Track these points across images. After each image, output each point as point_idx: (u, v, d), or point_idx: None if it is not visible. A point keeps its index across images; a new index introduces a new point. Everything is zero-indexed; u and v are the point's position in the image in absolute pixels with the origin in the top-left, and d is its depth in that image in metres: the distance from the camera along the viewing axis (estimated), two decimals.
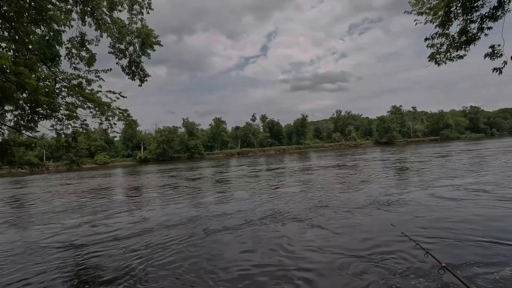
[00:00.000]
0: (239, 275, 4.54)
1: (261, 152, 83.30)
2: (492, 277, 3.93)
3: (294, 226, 6.98)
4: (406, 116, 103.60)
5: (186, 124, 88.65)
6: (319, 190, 11.90)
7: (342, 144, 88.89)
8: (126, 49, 8.04)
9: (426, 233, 5.85)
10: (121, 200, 13.30)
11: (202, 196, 12.53)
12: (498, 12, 5.07)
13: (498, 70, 5.10)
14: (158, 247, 6.03)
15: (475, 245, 5.04)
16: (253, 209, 9.19)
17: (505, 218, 6.52)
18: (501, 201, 8.01)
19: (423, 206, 8.03)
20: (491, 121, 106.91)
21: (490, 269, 4.14)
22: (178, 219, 8.51)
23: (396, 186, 11.73)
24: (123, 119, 8.29)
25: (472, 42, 5.35)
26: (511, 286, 3.71)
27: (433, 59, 5.83)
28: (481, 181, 11.24)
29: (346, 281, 4.10)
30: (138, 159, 75.18)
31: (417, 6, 6.46)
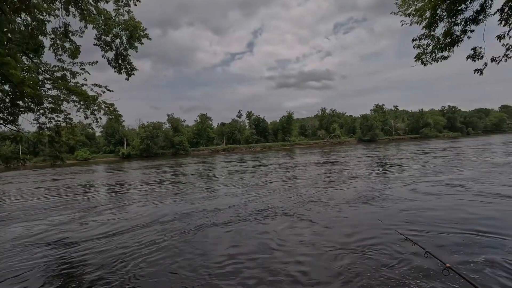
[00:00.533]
0: (231, 269, 4.57)
1: (247, 149, 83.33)
2: (470, 264, 4.17)
3: (283, 221, 7.07)
4: (388, 114, 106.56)
5: (171, 120, 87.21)
6: (306, 186, 12.09)
7: (326, 142, 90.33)
8: (113, 42, 7.81)
9: (410, 226, 6.09)
10: (106, 197, 12.99)
11: (190, 193, 12.43)
12: (480, 16, 5.32)
13: (479, 71, 5.37)
14: (148, 244, 5.95)
15: (456, 236, 5.30)
16: (242, 205, 9.23)
17: (483, 211, 6.88)
18: (479, 195, 8.44)
19: (407, 201, 8.34)
20: (467, 121, 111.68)
21: (469, 257, 4.38)
22: (166, 215, 8.42)
23: (381, 182, 12.10)
24: (109, 114, 8.09)
25: (456, 44, 5.59)
26: (485, 270, 3.96)
27: (419, 59, 6.05)
28: (460, 177, 11.78)
29: (334, 273, 4.22)
30: (121, 155, 73.35)
31: (403, 8, 6.65)
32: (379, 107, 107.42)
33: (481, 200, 7.91)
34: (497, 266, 4.11)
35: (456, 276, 1.88)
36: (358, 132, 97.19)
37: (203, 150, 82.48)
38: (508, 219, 6.23)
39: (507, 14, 5.16)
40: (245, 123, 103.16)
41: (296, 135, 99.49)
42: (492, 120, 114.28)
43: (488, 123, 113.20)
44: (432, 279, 3.83)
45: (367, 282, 3.90)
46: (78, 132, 79.23)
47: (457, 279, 3.62)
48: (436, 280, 3.77)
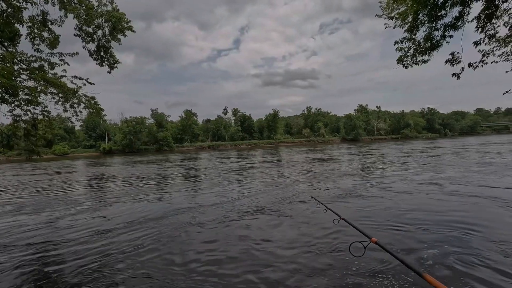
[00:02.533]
0: (210, 269, 4.57)
1: (232, 146, 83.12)
2: (430, 258, 4.37)
3: (264, 220, 7.12)
4: (371, 115, 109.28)
5: (155, 115, 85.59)
6: (290, 184, 12.22)
7: (311, 140, 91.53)
8: (94, 33, 7.56)
9: (375, 222, 6.30)
10: (85, 195, 12.59)
11: (173, 190, 12.27)
12: (459, 22, 5.55)
13: (457, 76, 5.61)
14: (128, 245, 5.81)
15: (423, 233, 5.53)
16: (225, 203, 9.21)
17: (455, 209, 7.21)
18: (454, 195, 8.83)
19: (378, 199, 8.62)
20: (445, 122, 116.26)
21: (428, 252, 4.60)
22: (148, 214, 8.27)
23: (361, 181, 12.40)
24: (89, 107, 7.85)
25: (436, 48, 5.80)
26: (443, 262, 4.16)
27: (401, 62, 6.24)
28: (438, 177, 12.27)
29: (310, 270, 4.31)
30: (102, 150, 71.29)
31: (387, 11, 6.82)
32: (363, 107, 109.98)
33: (450, 200, 8.28)
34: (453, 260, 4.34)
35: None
36: (342, 132, 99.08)
37: (188, 146, 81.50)
38: (477, 213, 6.56)
39: (483, 22, 5.40)
40: (230, 120, 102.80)
41: (282, 133, 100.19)
42: (468, 123, 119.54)
43: (464, 125, 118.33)
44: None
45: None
46: (56, 126, 76.29)
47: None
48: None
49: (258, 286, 3.96)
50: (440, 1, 5.34)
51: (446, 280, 3.80)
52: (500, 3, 5.48)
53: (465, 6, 5.41)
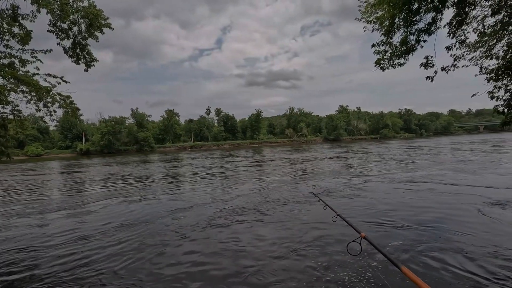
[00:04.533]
0: (189, 272, 4.52)
1: (215, 146, 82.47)
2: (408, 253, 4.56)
3: (247, 221, 7.12)
4: (352, 115, 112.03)
5: (135, 115, 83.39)
6: (272, 183, 12.31)
7: (294, 140, 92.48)
8: (70, 29, 7.25)
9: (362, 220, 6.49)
10: (58, 199, 12.07)
11: (154, 193, 12.01)
12: (432, 27, 5.80)
13: (431, 78, 5.87)
14: (107, 252, 5.64)
15: (404, 229, 5.76)
16: (207, 204, 9.15)
17: (435, 206, 7.54)
18: (431, 192, 9.23)
19: (362, 197, 8.87)
20: (420, 123, 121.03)
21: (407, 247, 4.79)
22: (126, 218, 8.05)
23: (343, 179, 12.69)
24: (65, 107, 7.54)
25: (411, 52, 6.04)
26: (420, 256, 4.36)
27: (379, 64, 6.44)
28: (417, 175, 12.77)
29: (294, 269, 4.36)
30: (79, 151, 68.60)
31: (366, 15, 7.01)
32: (344, 108, 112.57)
33: (426, 196, 8.65)
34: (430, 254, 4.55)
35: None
36: (324, 132, 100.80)
37: (170, 147, 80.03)
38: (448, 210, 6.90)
39: (454, 28, 5.69)
40: (213, 120, 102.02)
41: (265, 133, 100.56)
42: (442, 123, 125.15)
43: (438, 125, 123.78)
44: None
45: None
46: (29, 126, 72.38)
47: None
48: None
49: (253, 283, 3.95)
50: (415, 7, 5.56)
51: (421, 270, 3.97)
52: (469, 11, 5.79)
53: (438, 13, 5.67)
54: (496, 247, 4.74)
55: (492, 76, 5.67)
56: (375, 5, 6.42)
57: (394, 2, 5.72)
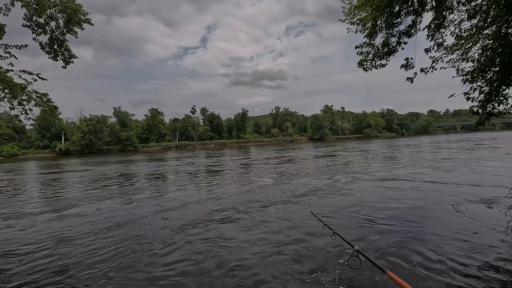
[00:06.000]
0: (175, 273, 4.46)
1: (201, 145, 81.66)
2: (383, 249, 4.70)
3: (233, 221, 7.10)
4: (336, 115, 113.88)
5: (118, 114, 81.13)
6: (258, 183, 12.33)
7: (280, 139, 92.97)
8: (47, 24, 6.96)
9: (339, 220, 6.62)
10: (34, 201, 11.57)
11: (136, 193, 11.75)
12: (412, 30, 5.98)
13: (410, 80, 6.05)
14: (89, 254, 5.46)
15: (382, 226, 5.92)
16: (193, 205, 9.05)
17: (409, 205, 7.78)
18: (412, 190, 9.52)
19: (345, 196, 9.04)
20: (402, 123, 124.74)
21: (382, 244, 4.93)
22: (109, 220, 7.83)
23: (328, 178, 12.89)
24: (41, 105, 7.25)
25: (392, 53, 6.20)
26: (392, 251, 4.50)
27: (362, 65, 6.57)
28: (399, 173, 13.14)
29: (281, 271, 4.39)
30: (58, 151, 66.05)
31: (349, 16, 7.12)
32: (328, 108, 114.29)
33: (407, 195, 8.93)
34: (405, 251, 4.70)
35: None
36: (309, 131, 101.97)
37: (154, 146, 78.52)
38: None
39: (433, 31, 5.88)
40: (199, 119, 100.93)
41: (251, 133, 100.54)
42: (421, 123, 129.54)
43: (418, 125, 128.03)
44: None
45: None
46: (3, 124, 69.27)
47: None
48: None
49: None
50: (396, 9, 5.71)
51: (398, 268, 4.08)
52: (447, 14, 6.00)
53: (418, 16, 5.84)
54: (472, 243, 4.95)
55: (468, 78, 5.89)
56: (358, 6, 6.53)
57: (376, 4, 5.84)
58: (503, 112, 6.03)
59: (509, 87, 5.79)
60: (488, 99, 5.72)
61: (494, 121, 73.73)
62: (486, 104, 5.80)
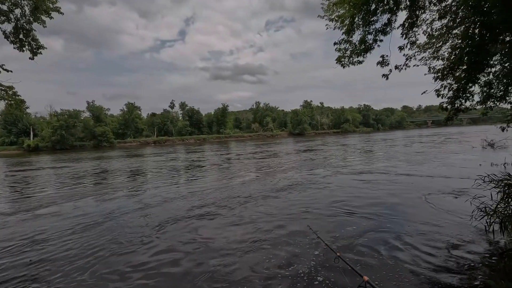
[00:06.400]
0: (153, 272, 4.39)
1: (180, 141, 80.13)
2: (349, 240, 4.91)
3: (212, 218, 7.08)
4: (315, 110, 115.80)
5: (92, 108, 77.54)
6: (239, 179, 12.33)
7: (260, 135, 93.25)
8: (11, 12, 6.49)
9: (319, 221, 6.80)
10: (5, 200, 10.89)
11: (112, 191, 11.38)
12: (387, 28, 6.17)
13: (386, 76, 6.27)
14: (67, 253, 5.24)
15: (353, 219, 6.15)
16: (172, 201, 8.91)
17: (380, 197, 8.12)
18: (385, 183, 9.92)
19: (322, 189, 9.28)
20: (377, 118, 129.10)
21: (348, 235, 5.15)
22: (84, 219, 7.55)
23: (307, 172, 13.13)
24: (6, 98, 6.81)
25: (369, 51, 6.37)
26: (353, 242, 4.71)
27: (340, 62, 6.71)
28: (374, 167, 13.61)
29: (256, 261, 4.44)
30: (26, 147, 62.27)
31: (328, 13, 7.21)
32: (308, 103, 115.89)
33: (380, 188, 9.32)
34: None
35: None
36: (289, 126, 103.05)
37: (131, 142, 76.08)
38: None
39: (406, 29, 6.10)
40: (178, 114, 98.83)
41: (231, 128, 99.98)
42: (396, 118, 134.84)
43: (393, 120, 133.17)
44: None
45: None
46: None
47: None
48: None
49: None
50: (372, 8, 5.86)
51: (361, 258, 4.26)
52: (420, 14, 6.24)
53: (393, 14, 6.03)
54: (439, 232, 5.25)
55: (439, 75, 6.19)
56: (336, 3, 6.62)
57: (354, 2, 5.96)
58: (469, 108, 6.42)
59: (475, 85, 6.16)
60: (456, 96, 6.05)
61: (461, 116, 77.68)
62: (454, 100, 6.13)
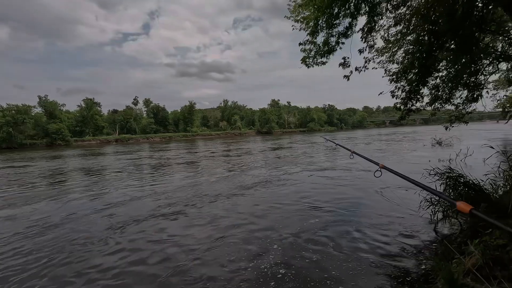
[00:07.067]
0: (119, 273, 4.23)
1: (145, 139, 76.95)
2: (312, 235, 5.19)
3: (179, 217, 6.96)
4: (283, 109, 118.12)
5: (45, 103, 71.25)
6: (205, 177, 12.21)
7: (228, 133, 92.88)
8: None
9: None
10: None
11: (71, 192, 10.64)
12: (349, 31, 6.51)
13: (347, 77, 6.63)
14: (14, 262, 4.81)
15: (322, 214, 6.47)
16: (136, 201, 8.58)
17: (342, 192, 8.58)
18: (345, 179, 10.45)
19: (289, 185, 9.57)
20: (341, 117, 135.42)
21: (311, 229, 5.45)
22: (40, 221, 6.99)
23: (272, 169, 13.40)
24: None
25: (332, 52, 6.68)
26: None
27: (304, 62, 6.95)
28: (333, 165, 14.25)
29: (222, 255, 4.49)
30: None
31: (294, 14, 7.42)
32: (275, 102, 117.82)
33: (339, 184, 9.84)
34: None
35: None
36: (257, 124, 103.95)
37: (90, 140, 71.39)
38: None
39: (366, 33, 6.49)
40: (142, 111, 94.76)
41: (198, 126, 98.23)
42: (357, 118, 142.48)
43: (355, 120, 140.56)
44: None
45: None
46: None
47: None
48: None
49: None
50: (335, 11, 6.15)
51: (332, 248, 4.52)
52: (378, 20, 6.68)
53: (353, 19, 6.38)
54: (390, 222, 5.70)
55: (394, 78, 6.70)
56: (302, 5, 6.84)
57: (318, 5, 6.20)
58: (419, 108, 7.04)
59: (425, 87, 6.77)
60: (409, 97, 6.59)
61: (414, 116, 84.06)
62: (407, 101, 6.68)
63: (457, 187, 4.62)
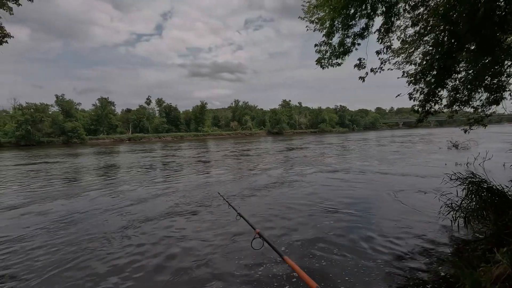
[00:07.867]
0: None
1: (157, 138, 78.18)
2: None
3: (191, 217, 7.02)
4: (294, 110, 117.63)
5: (61, 102, 73.51)
6: (216, 177, 12.27)
7: (239, 133, 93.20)
8: None
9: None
10: None
11: (85, 190, 10.90)
12: (365, 32, 6.41)
13: (362, 79, 6.53)
14: (28, 258, 4.96)
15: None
16: (149, 201, 8.71)
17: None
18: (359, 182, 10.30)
19: (303, 188, 9.50)
20: (353, 118, 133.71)
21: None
22: (54, 219, 7.19)
23: (286, 169, 13.34)
24: None
25: (347, 53, 6.59)
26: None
27: (320, 63, 6.88)
28: (348, 167, 14.07)
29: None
30: None
31: (309, 14, 7.37)
32: (286, 103, 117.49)
33: (353, 187, 9.69)
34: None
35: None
36: (268, 125, 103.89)
37: (104, 138, 73.09)
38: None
39: (382, 34, 6.37)
40: (154, 110, 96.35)
41: (209, 126, 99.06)
42: (370, 119, 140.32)
43: (367, 121, 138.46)
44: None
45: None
46: None
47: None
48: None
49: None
50: (351, 12, 6.07)
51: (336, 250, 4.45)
52: (395, 20, 6.55)
53: (370, 19, 6.28)
54: (407, 228, 5.57)
55: (412, 80, 6.54)
56: (317, 6, 6.78)
57: (334, 5, 6.13)
58: (438, 111, 6.85)
59: (443, 89, 6.58)
60: (427, 99, 6.43)
61: (429, 118, 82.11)
62: (425, 103, 6.51)
63: (479, 192, 4.46)
